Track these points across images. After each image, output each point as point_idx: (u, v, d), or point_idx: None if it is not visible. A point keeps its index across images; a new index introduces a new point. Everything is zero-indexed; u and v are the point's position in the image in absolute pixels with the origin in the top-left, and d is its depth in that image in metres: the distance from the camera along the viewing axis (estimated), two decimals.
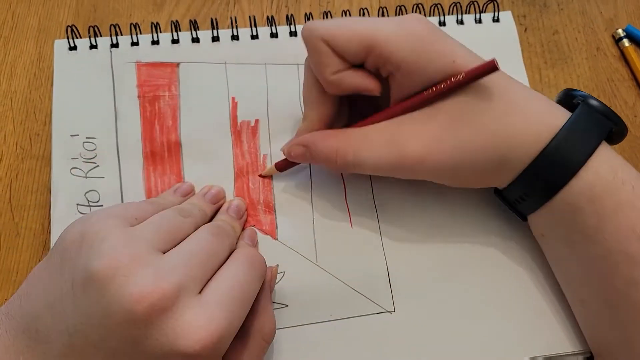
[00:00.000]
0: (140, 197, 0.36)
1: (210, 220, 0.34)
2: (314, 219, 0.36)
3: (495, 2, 0.42)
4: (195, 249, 0.28)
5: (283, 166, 0.36)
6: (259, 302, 0.31)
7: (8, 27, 0.43)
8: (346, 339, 0.33)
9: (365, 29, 0.31)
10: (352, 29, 0.31)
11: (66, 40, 0.40)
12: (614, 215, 0.29)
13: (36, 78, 0.41)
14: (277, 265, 0.34)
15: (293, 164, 0.36)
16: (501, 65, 0.42)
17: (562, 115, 0.30)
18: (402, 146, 0.31)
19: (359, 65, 0.32)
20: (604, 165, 0.30)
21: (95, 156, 0.37)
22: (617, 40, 0.44)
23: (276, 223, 0.36)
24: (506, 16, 0.43)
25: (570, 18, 0.45)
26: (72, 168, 0.37)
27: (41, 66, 0.41)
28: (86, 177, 0.36)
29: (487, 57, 0.42)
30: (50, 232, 0.35)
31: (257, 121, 0.39)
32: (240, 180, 0.37)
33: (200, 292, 0.26)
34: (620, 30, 0.44)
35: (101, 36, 0.40)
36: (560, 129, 0.30)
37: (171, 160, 0.37)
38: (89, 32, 0.40)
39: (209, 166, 0.37)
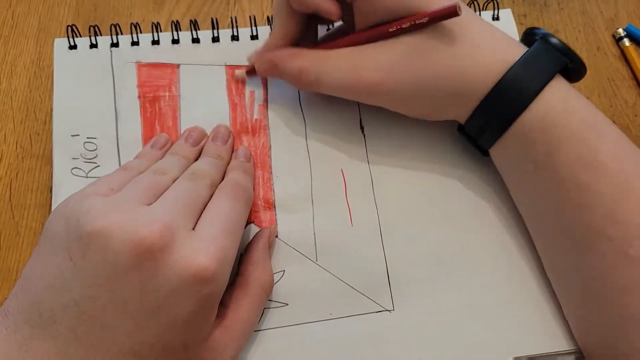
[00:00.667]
0: None
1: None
2: (314, 216, 0.36)
3: (495, 1, 0.42)
4: (177, 195, 0.30)
5: (252, 73, 0.38)
6: (257, 255, 0.33)
7: (8, 26, 0.43)
8: (345, 337, 0.33)
9: None
10: None
11: (66, 39, 0.40)
12: (564, 145, 0.30)
13: (36, 77, 0.41)
14: (276, 225, 0.36)
15: None
16: None
17: (518, 51, 0.32)
18: (360, 70, 0.33)
19: None
20: (556, 97, 0.31)
21: (96, 156, 0.37)
22: (618, 40, 0.44)
23: (276, 220, 0.36)
24: (506, 14, 0.43)
25: (571, 17, 0.45)
26: (73, 168, 0.37)
27: (41, 65, 0.41)
28: (87, 177, 0.36)
29: None
30: None
31: (256, 120, 0.39)
32: None
33: (193, 230, 0.28)
34: (620, 30, 0.44)
35: (101, 35, 0.40)
36: (515, 63, 0.31)
37: None
38: (89, 32, 0.40)
39: None
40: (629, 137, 0.40)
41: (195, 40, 0.41)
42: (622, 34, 0.43)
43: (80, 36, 0.40)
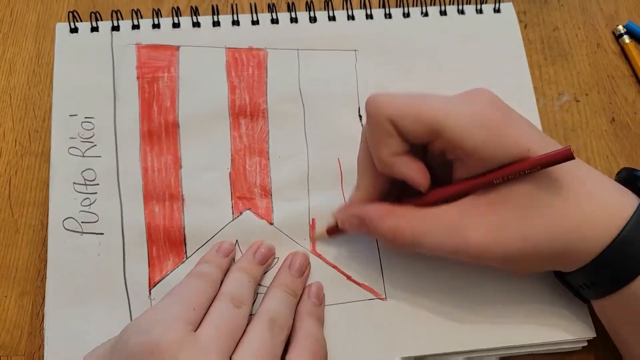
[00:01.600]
0: (137, 176, 0.36)
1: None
2: (309, 204, 0.36)
3: None
4: (257, 351, 0.29)
5: (334, 232, 0.35)
6: None
7: (7, 23, 0.43)
8: (338, 324, 0.33)
9: (433, 112, 0.29)
10: (420, 111, 0.29)
11: (67, 23, 0.40)
12: None
13: (35, 75, 0.41)
14: None
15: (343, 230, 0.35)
16: (503, 56, 0.41)
17: (630, 203, 0.29)
18: (465, 233, 0.30)
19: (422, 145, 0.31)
20: None
21: (93, 135, 0.37)
22: (618, 37, 0.44)
23: (272, 207, 0.36)
24: (507, 7, 0.43)
25: (571, 14, 0.45)
26: (70, 147, 0.37)
27: (40, 62, 0.41)
28: (83, 156, 0.36)
29: (488, 48, 0.41)
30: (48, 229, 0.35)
31: (255, 104, 0.39)
32: (237, 162, 0.37)
33: None
34: (620, 27, 0.44)
35: (103, 20, 0.41)
36: (630, 219, 0.28)
37: (168, 141, 0.37)
38: (90, 18, 0.40)
39: (206, 148, 0.37)
40: (628, 135, 0.41)
41: (196, 24, 0.41)
42: (622, 31, 0.43)
43: (82, 21, 0.40)
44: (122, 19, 0.41)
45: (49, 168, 0.36)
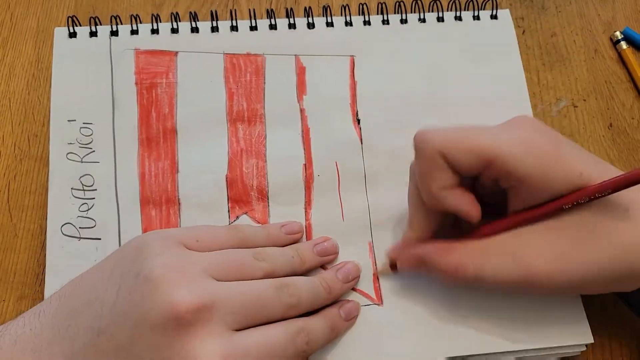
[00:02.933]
0: (134, 181, 0.37)
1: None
2: (306, 209, 0.36)
3: (493, 0, 0.42)
4: (248, 290, 0.28)
5: (396, 268, 0.35)
6: None
7: (7, 28, 0.43)
8: None
9: (484, 143, 0.29)
10: (471, 142, 0.29)
11: (66, 28, 0.40)
12: None
13: (35, 79, 0.41)
14: None
15: None
16: (499, 63, 0.41)
17: None
18: (527, 263, 0.29)
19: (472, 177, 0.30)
20: None
21: (92, 141, 0.37)
22: (615, 43, 0.44)
23: (269, 211, 0.36)
24: (504, 14, 0.43)
25: (568, 20, 0.45)
26: (68, 153, 0.37)
27: (40, 67, 0.41)
28: (82, 162, 0.37)
29: (485, 55, 0.41)
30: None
31: (253, 110, 0.39)
32: (234, 164, 0.37)
33: (235, 331, 0.27)
34: (618, 33, 0.44)
35: (102, 25, 0.41)
36: None
37: (166, 146, 0.38)
38: (89, 22, 0.40)
39: (203, 152, 0.37)
40: (626, 140, 0.41)
41: (195, 30, 0.41)
42: (620, 37, 0.44)
43: (81, 25, 0.41)
44: (121, 24, 0.41)
45: (48, 173, 0.37)
